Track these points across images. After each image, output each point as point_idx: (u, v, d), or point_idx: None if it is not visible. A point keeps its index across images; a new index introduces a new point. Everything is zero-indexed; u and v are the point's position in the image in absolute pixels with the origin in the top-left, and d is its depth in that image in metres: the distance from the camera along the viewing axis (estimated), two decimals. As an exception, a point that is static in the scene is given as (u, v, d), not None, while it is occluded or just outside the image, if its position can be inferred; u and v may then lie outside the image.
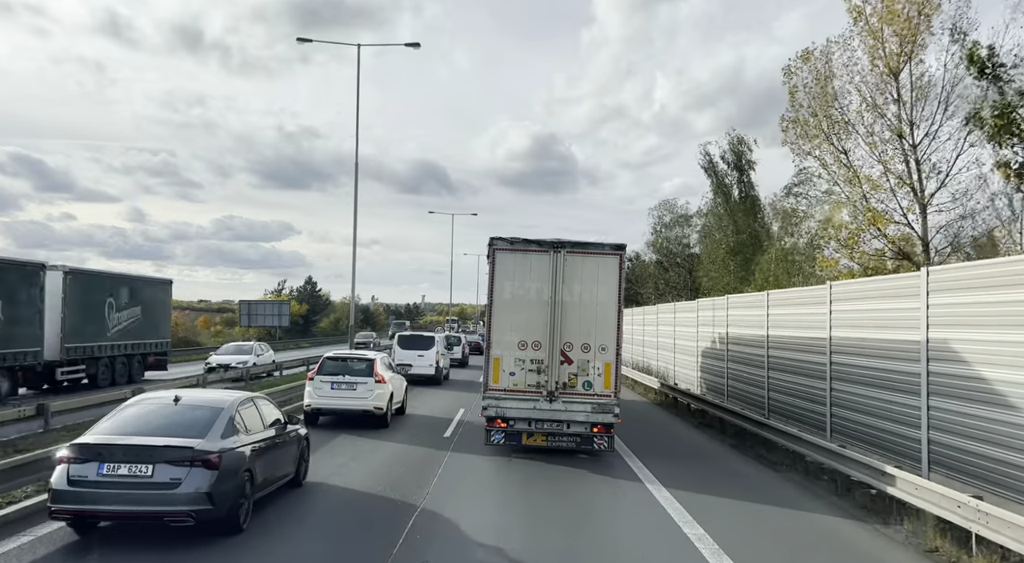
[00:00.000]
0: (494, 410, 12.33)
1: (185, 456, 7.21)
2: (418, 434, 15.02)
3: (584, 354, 12.33)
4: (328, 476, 10.78)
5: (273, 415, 9.49)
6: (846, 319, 11.94)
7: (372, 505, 9.41)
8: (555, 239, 12.53)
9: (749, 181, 36.00)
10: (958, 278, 9.06)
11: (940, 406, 9.14)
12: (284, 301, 51.21)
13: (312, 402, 15.49)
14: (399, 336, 27.66)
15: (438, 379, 26.56)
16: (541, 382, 12.27)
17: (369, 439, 14.24)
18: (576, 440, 12.29)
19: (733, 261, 33.82)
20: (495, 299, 12.47)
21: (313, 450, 12.39)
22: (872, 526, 8.91)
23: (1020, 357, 7.72)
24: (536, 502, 9.92)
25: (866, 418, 11.12)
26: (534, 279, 12.40)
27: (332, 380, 15.51)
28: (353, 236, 23.21)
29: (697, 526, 8.58)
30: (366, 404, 15.37)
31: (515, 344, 12.37)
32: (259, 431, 8.71)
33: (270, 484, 8.91)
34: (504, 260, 12.48)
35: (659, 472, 11.61)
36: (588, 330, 12.32)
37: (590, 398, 12.23)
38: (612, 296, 12.36)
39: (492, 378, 12.36)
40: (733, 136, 36.22)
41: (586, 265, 12.39)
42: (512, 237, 12.57)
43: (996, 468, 8.05)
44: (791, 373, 14.15)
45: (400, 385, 17.57)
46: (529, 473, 11.53)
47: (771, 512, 9.72)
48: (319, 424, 15.87)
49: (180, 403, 8.15)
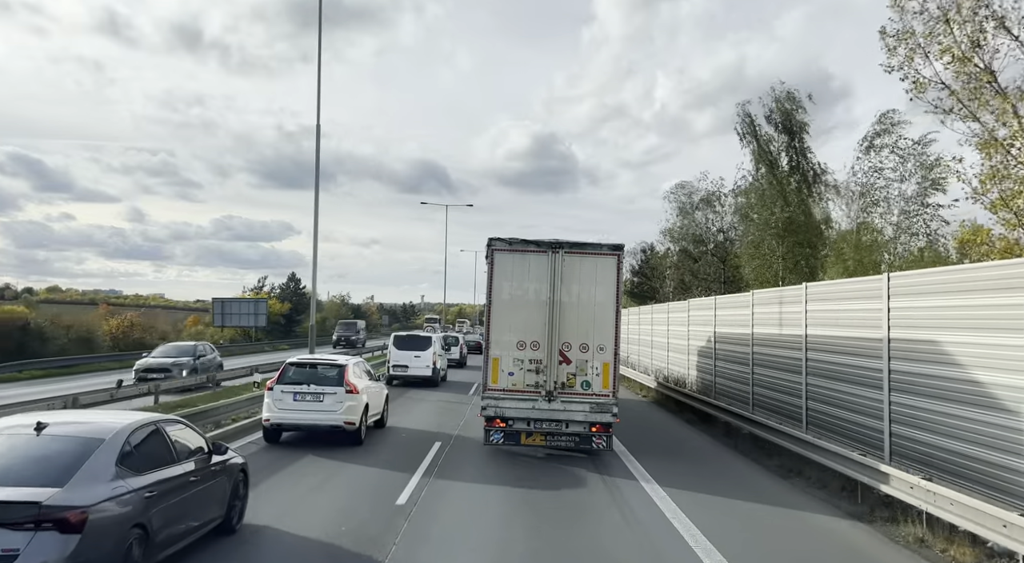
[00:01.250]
0: (493, 410, 12.46)
1: (27, 515, 5.02)
2: (396, 455, 12.84)
3: (582, 354, 12.48)
4: (276, 518, 8.58)
5: (190, 443, 7.32)
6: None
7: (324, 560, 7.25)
8: (553, 239, 12.61)
9: (801, 147, 29.41)
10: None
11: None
12: (261, 299, 47.78)
13: (272, 416, 13.28)
14: (395, 336, 26.84)
15: (435, 381, 25.70)
16: (540, 382, 12.42)
17: (339, 461, 12.05)
18: (575, 439, 12.44)
19: (782, 245, 28.16)
20: (494, 299, 12.58)
21: (269, 476, 10.43)
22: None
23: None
24: (534, 544, 7.76)
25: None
26: (532, 279, 12.54)
27: (295, 390, 13.31)
28: (315, 224, 20.56)
29: (691, 524, 8.73)
30: (335, 418, 13.18)
31: (514, 344, 12.50)
32: (166, 466, 6.54)
33: (182, 537, 6.72)
34: (503, 261, 12.62)
35: (654, 470, 11.82)
36: (586, 330, 12.47)
37: (588, 398, 12.39)
38: (610, 296, 12.50)
39: (491, 378, 12.50)
40: (780, 91, 29.42)
41: (584, 265, 12.53)
42: (511, 238, 12.70)
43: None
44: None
45: (378, 394, 15.38)
46: (519, 502, 9.38)
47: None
48: (282, 441, 13.74)
49: (44, 433, 5.94)
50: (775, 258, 28.45)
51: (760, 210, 29.52)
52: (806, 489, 10.88)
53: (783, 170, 29.19)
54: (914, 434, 9.60)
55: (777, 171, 29.20)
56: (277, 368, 15.04)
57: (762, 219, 29.06)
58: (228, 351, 44.99)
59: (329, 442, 13.56)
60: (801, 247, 27.88)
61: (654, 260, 46.31)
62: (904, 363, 9.92)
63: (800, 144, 29.32)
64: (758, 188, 30.04)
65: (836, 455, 10.41)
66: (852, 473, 9.90)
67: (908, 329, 9.86)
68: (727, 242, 37.36)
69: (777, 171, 29.20)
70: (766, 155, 29.48)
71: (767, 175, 29.37)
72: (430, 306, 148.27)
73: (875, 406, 10.58)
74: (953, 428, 8.81)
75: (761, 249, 29.28)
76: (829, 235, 28.14)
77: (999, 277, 8.20)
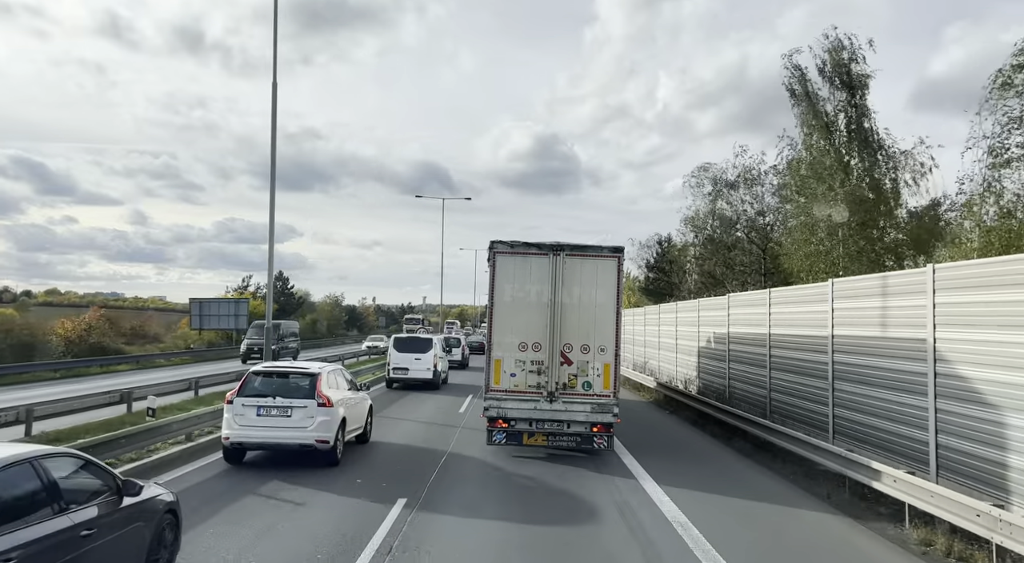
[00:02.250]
0: (496, 410, 12.69)
1: None
2: (377, 479, 11.14)
3: (584, 355, 12.70)
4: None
5: (90, 483, 5.66)
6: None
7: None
8: (554, 242, 12.82)
9: (863, 106, 24.67)
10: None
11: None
12: (242, 299, 44.73)
13: (232, 434, 11.59)
14: (395, 338, 26.50)
15: (436, 384, 25.39)
16: (541, 383, 12.67)
17: (308, 489, 10.35)
18: (576, 439, 12.67)
19: (842, 228, 23.76)
20: (496, 301, 12.81)
21: (219, 509, 8.98)
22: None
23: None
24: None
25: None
26: (534, 282, 12.77)
27: (259, 403, 11.62)
28: (271, 212, 18.66)
29: (689, 523, 8.82)
30: (305, 436, 11.51)
31: (516, 346, 12.73)
32: (43, 520, 4.88)
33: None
34: (504, 263, 12.83)
35: (653, 469, 12.05)
36: (587, 331, 12.69)
37: (590, 398, 12.62)
38: (611, 298, 12.71)
39: (493, 379, 12.73)
40: (834, 38, 24.83)
41: (585, 268, 12.75)
42: (512, 240, 12.89)
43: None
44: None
45: (358, 406, 13.69)
46: (521, 545, 7.73)
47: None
48: (247, 462, 12.07)
49: None
50: (834, 244, 23.94)
51: (815, 186, 24.84)
52: (814, 491, 10.93)
53: (842, 134, 24.75)
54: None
55: (835, 136, 24.74)
56: (231, 380, 13.33)
57: (818, 193, 24.40)
58: (202, 356, 42.16)
59: (301, 462, 11.90)
60: (865, 229, 23.45)
61: (671, 253, 42.33)
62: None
63: (862, 102, 24.74)
64: (813, 156, 25.37)
65: (874, 471, 9.52)
66: (899, 495, 8.93)
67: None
68: (767, 227, 32.80)
69: (835, 136, 24.74)
70: (820, 116, 24.99)
71: (823, 140, 24.88)
72: (432, 308, 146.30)
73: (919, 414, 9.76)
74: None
75: (815, 233, 24.70)
76: (899, 214, 24.32)
77: None
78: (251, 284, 70.77)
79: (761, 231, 32.73)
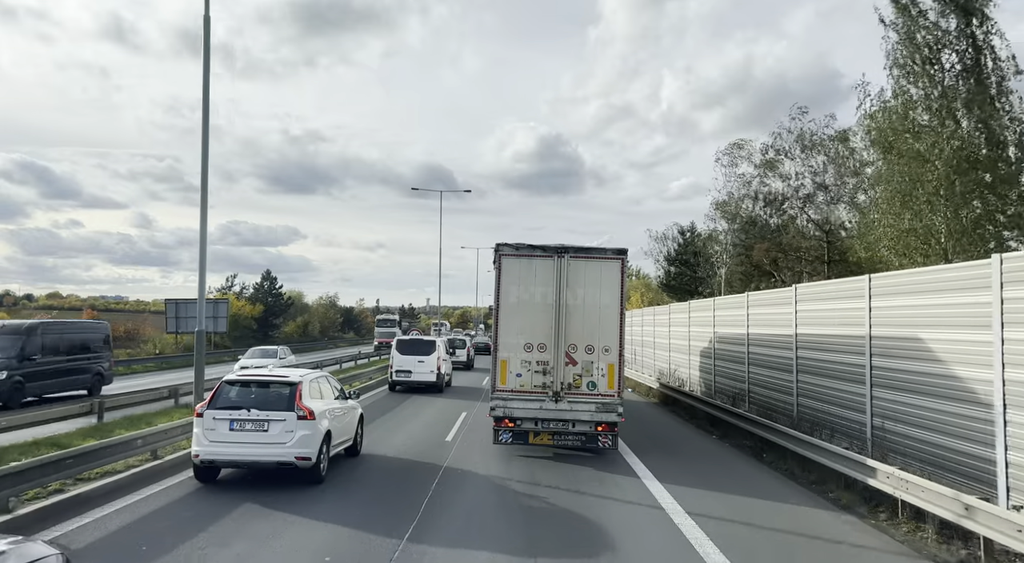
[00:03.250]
0: (502, 410, 12.96)
1: None
2: (365, 501, 9.99)
3: (588, 355, 12.94)
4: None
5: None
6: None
7: None
8: (559, 244, 13.14)
9: (984, 34, 19.23)
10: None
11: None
12: (222, 300, 42.39)
13: (202, 451, 10.43)
14: (398, 340, 26.31)
15: (440, 386, 25.29)
16: (547, 383, 12.94)
17: (283, 514, 9.19)
18: (581, 439, 12.90)
19: (956, 198, 18.04)
20: (501, 303, 13.08)
21: (173, 547, 7.62)
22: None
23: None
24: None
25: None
26: (539, 283, 13.03)
27: (232, 416, 10.47)
28: (202, 202, 16.28)
29: (687, 518, 8.90)
30: (283, 453, 10.36)
31: (521, 346, 13.00)
32: None
33: None
34: (510, 265, 13.10)
35: (655, 468, 12.23)
36: (592, 332, 12.94)
37: (594, 398, 12.87)
38: (615, 299, 12.96)
39: (499, 379, 13.00)
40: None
41: (589, 269, 13.00)
42: (517, 243, 13.17)
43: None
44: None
45: (346, 416, 12.53)
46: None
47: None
48: (219, 481, 10.94)
49: None
50: (938, 215, 18.52)
51: (911, 142, 19.06)
52: (809, 488, 11.26)
53: (953, 70, 19.33)
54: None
55: (943, 77, 19.25)
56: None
57: (919, 151, 18.64)
58: (170, 364, 39.51)
59: (280, 480, 10.78)
60: (981, 192, 18.31)
61: (696, 244, 37.18)
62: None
63: (982, 29, 19.28)
64: (908, 105, 19.71)
65: (928, 491, 8.39)
66: (979, 529, 7.49)
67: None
68: (830, 204, 27.11)
69: (943, 77, 19.25)
70: (919, 49, 19.44)
71: (925, 80, 19.31)
72: (435, 309, 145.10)
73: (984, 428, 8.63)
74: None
75: (910, 204, 19.34)
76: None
77: None
78: (235, 283, 69.31)
79: (821, 210, 27.28)
